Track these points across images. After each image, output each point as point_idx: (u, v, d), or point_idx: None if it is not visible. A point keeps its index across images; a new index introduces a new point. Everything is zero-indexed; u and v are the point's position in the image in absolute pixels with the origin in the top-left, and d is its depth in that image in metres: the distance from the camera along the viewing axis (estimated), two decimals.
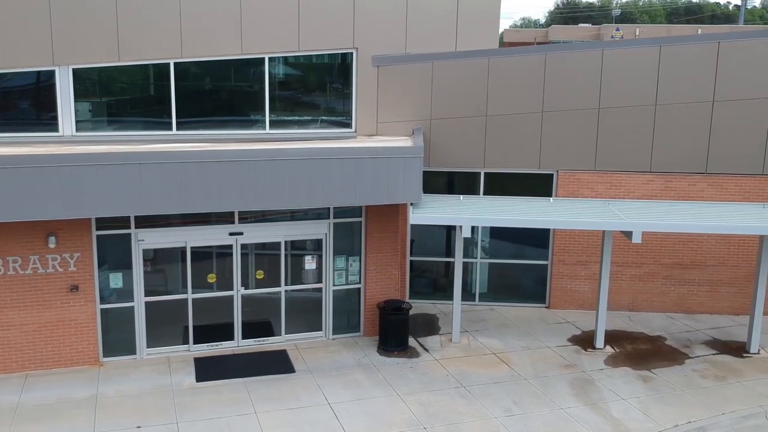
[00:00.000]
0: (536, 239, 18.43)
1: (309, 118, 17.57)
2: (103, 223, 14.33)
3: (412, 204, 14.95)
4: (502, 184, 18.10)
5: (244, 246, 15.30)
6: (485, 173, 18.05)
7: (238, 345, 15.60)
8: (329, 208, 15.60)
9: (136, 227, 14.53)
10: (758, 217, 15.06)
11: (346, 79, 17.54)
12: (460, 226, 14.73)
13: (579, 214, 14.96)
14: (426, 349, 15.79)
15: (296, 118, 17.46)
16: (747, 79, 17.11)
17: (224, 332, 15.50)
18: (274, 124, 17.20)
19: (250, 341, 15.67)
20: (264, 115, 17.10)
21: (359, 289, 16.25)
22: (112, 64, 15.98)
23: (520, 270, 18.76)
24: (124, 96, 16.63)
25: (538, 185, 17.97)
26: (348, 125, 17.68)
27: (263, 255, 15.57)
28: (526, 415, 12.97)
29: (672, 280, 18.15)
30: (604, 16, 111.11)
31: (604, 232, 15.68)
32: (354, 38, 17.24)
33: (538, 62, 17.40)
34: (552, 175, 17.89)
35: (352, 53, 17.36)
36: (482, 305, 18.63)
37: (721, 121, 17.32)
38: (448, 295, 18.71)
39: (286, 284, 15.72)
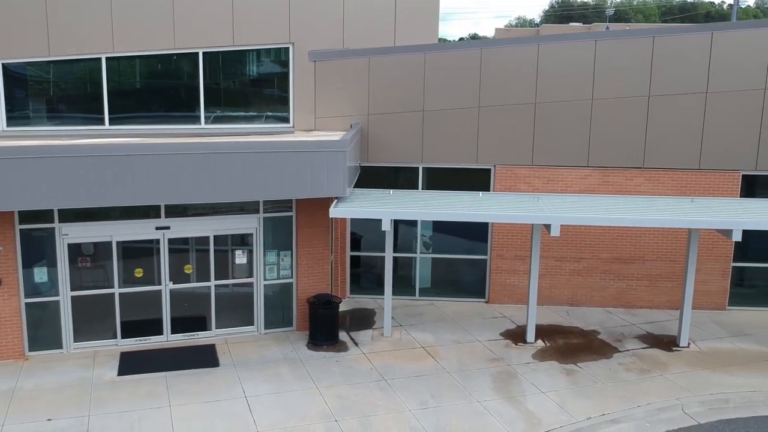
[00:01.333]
0: (477, 234, 18.45)
1: (246, 113, 17.62)
2: (26, 217, 14.32)
3: (338, 198, 14.96)
4: (442, 179, 18.12)
5: (172, 240, 15.30)
6: (424, 168, 18.08)
7: (168, 339, 15.61)
8: (258, 202, 15.60)
9: (60, 221, 14.52)
10: (684, 210, 15.06)
11: (284, 74, 17.57)
12: (383, 220, 14.71)
13: (500, 208, 14.94)
14: (356, 343, 15.81)
15: (233, 113, 17.49)
16: (681, 74, 17.14)
17: (153, 327, 15.51)
18: (209, 119, 17.24)
19: (180, 336, 15.69)
20: (199, 111, 17.13)
21: (291, 283, 16.25)
22: (42, 59, 16.00)
23: (461, 265, 18.78)
24: (56, 91, 16.67)
25: (477, 180, 17.99)
26: (286, 120, 17.71)
27: (192, 250, 15.57)
28: (441, 407, 12.98)
29: (611, 275, 18.18)
30: (598, 16, 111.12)
31: (533, 226, 15.69)
32: (290, 33, 17.29)
33: (474, 57, 17.41)
34: (490, 169, 17.92)
35: (288, 48, 17.38)
36: (422, 300, 18.66)
37: (657, 116, 17.35)
38: (394, 290, 18.70)
39: (216, 279, 15.73)
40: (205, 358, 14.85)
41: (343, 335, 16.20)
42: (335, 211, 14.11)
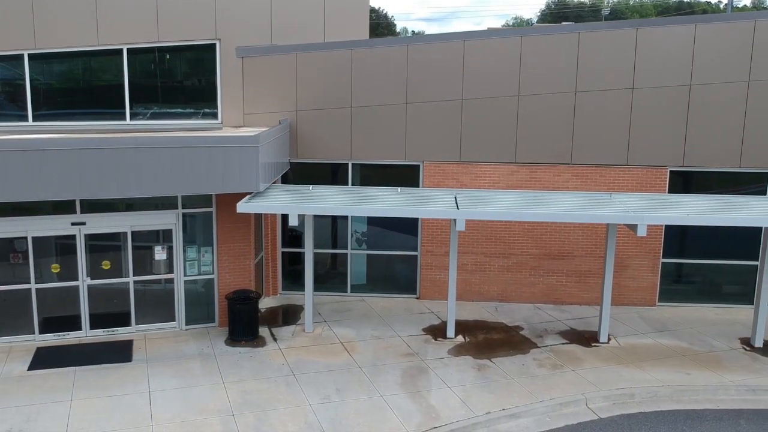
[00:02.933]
0: (410, 230, 18.48)
1: (173, 110, 17.65)
2: None
3: (251, 193, 14.98)
4: (372, 175, 18.16)
5: (90, 236, 15.33)
6: (354, 164, 18.11)
7: (87, 335, 15.65)
8: (177, 198, 15.63)
9: None
10: (599, 206, 15.06)
11: (211, 70, 17.60)
12: (290, 215, 14.70)
13: (409, 204, 14.94)
14: (275, 339, 15.84)
15: (160, 109, 17.52)
16: (608, 70, 17.16)
17: (71, 322, 15.55)
18: (135, 115, 17.28)
19: (99, 331, 15.72)
20: (124, 107, 17.15)
21: (213, 279, 16.29)
22: None
23: (394, 261, 18.81)
24: None
25: (406, 176, 18.03)
26: (214, 116, 17.75)
27: (111, 245, 15.60)
28: (343, 402, 13.01)
29: (540, 270, 18.19)
30: (594, 15, 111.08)
31: (453, 221, 15.68)
32: (216, 29, 17.33)
33: (401, 53, 17.44)
34: (419, 166, 17.94)
35: (215, 44, 17.41)
36: (354, 296, 18.69)
37: (584, 113, 17.37)
38: (325, 286, 18.86)
39: (135, 275, 15.76)
40: (119, 353, 14.88)
41: (265, 331, 16.24)
42: (243, 206, 14.14)
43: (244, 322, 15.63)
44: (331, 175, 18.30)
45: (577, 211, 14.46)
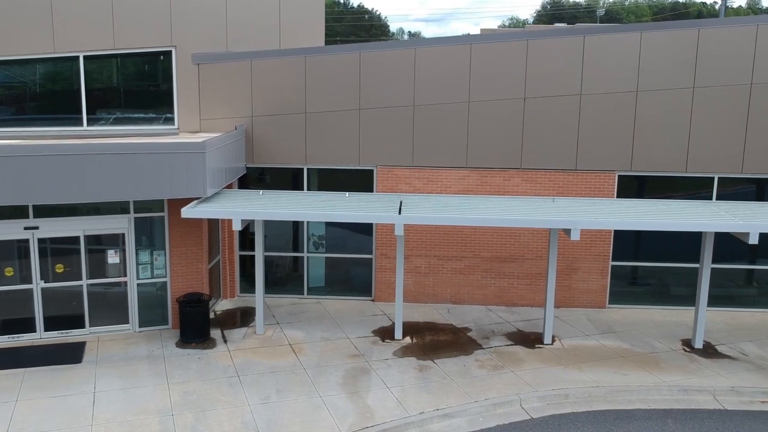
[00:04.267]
0: (366, 234, 18.81)
1: (131, 115, 17.97)
2: None
3: (198, 198, 15.30)
4: (328, 180, 18.50)
5: (44, 240, 15.66)
6: (309, 169, 18.44)
7: (41, 337, 15.97)
8: (129, 203, 15.96)
9: None
10: (542, 210, 15.40)
11: (168, 77, 17.92)
12: (233, 219, 15.01)
13: (350, 208, 15.25)
14: (225, 341, 16.17)
15: (117, 115, 17.84)
16: (555, 76, 17.49)
17: (26, 325, 15.86)
18: (92, 121, 17.60)
19: (54, 333, 16.04)
20: (81, 113, 17.48)
21: (166, 282, 16.62)
22: None
23: (351, 264, 19.14)
24: None
25: (361, 180, 18.36)
26: (171, 122, 18.06)
27: (65, 249, 15.92)
28: (281, 402, 13.34)
29: (492, 273, 18.53)
30: (589, 16, 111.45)
31: (396, 226, 16.01)
32: (172, 37, 17.64)
33: (353, 60, 17.77)
34: (372, 170, 18.28)
35: (171, 51, 17.73)
36: (311, 298, 19.03)
37: (533, 118, 17.71)
38: (285, 289, 19.21)
39: (88, 278, 16.09)
40: (70, 355, 15.21)
41: (217, 333, 16.57)
42: (187, 212, 14.47)
43: (195, 325, 15.97)
44: (289, 180, 18.63)
45: (515, 215, 14.80)
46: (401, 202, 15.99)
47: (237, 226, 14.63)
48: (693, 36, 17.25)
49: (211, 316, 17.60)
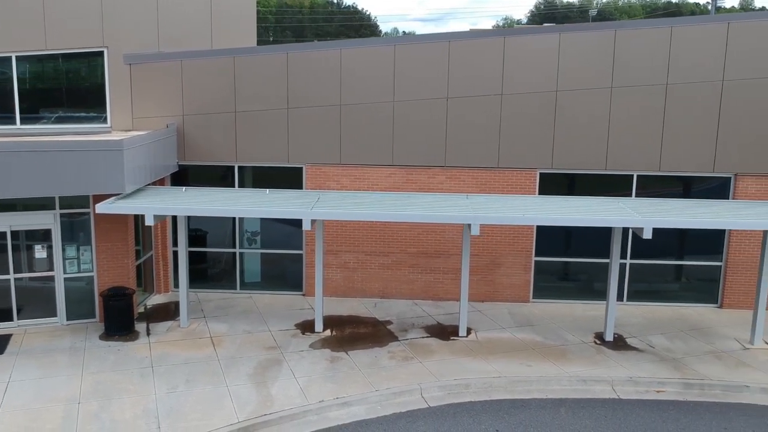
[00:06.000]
0: (299, 230, 19.24)
1: (64, 114, 18.41)
2: None
3: (117, 195, 15.75)
4: (259, 178, 18.95)
5: None
6: (239, 167, 18.90)
7: None
8: (54, 199, 16.41)
9: None
10: (453, 207, 15.85)
11: (100, 76, 18.37)
12: (146, 215, 15.46)
13: (270, 205, 15.73)
14: (149, 334, 16.62)
15: (51, 115, 18.29)
16: (478, 76, 17.94)
17: None
18: (26, 120, 18.05)
19: None
20: (14, 112, 17.94)
21: (92, 277, 17.07)
22: None
23: (284, 260, 19.59)
24: None
25: (290, 178, 18.82)
26: (104, 120, 18.51)
27: None
28: (188, 392, 13.78)
29: (418, 268, 18.99)
30: (582, 16, 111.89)
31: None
32: (104, 37, 18.08)
33: (281, 60, 18.23)
34: (301, 168, 18.73)
35: (103, 51, 18.18)
36: (243, 293, 19.49)
37: (456, 118, 18.16)
38: (221, 284, 19.67)
39: (15, 272, 16.54)
40: None
41: (142, 326, 17.02)
42: (102, 207, 14.94)
43: (118, 318, 16.42)
44: (221, 177, 19.09)
45: (415, 211, 15.29)
46: (318, 199, 16.44)
47: (150, 222, 15.09)
48: (610, 37, 17.70)
49: (141, 310, 18.08)
